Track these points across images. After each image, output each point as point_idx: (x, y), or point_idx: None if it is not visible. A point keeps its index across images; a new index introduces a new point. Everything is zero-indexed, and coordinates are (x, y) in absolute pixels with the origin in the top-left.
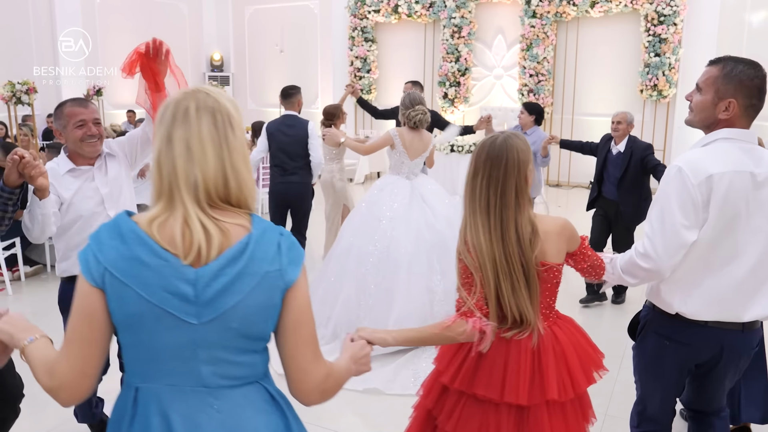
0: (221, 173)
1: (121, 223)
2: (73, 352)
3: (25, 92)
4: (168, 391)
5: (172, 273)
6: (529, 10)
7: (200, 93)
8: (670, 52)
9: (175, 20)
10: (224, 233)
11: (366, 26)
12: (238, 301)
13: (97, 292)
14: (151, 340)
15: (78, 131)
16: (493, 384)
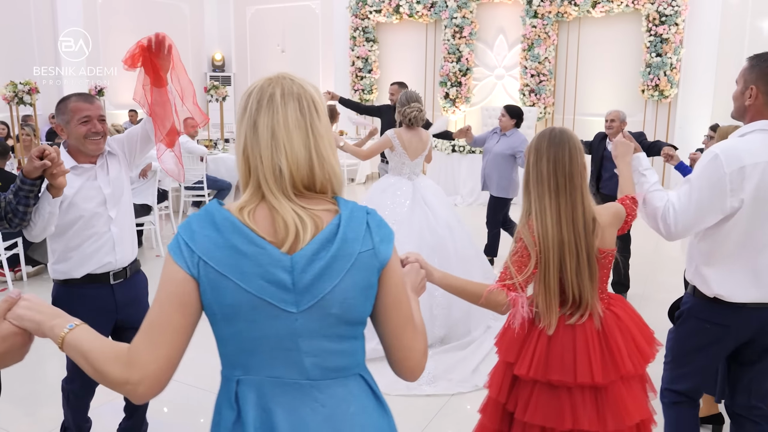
0: (307, 160)
1: (214, 212)
2: (160, 340)
3: (27, 92)
4: (270, 384)
5: (269, 261)
6: (530, 10)
7: (285, 80)
8: (672, 52)
9: (176, 20)
10: (315, 218)
11: (367, 26)
12: (335, 284)
13: (192, 281)
14: (250, 331)
15: (82, 127)
16: (566, 368)
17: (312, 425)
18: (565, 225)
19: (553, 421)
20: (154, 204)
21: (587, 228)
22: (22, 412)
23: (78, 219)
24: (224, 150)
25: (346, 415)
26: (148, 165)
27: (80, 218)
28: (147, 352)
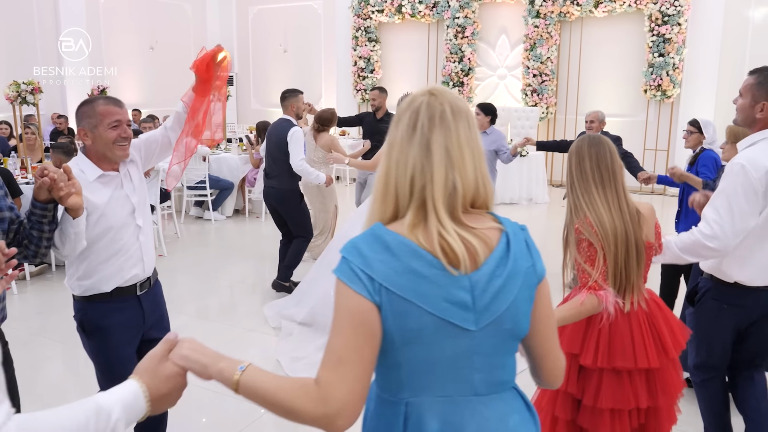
0: (475, 178)
1: (384, 235)
2: (351, 374)
3: (30, 92)
4: (440, 402)
5: (450, 282)
6: (532, 10)
7: (448, 94)
8: (674, 52)
9: (179, 20)
10: (484, 238)
11: (369, 26)
12: (510, 302)
13: (376, 309)
14: (428, 353)
15: (112, 132)
16: (626, 354)
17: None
18: (615, 213)
19: (621, 403)
20: (157, 204)
21: (633, 218)
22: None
23: (108, 231)
24: (227, 150)
25: (507, 427)
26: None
27: (111, 229)
28: (340, 386)
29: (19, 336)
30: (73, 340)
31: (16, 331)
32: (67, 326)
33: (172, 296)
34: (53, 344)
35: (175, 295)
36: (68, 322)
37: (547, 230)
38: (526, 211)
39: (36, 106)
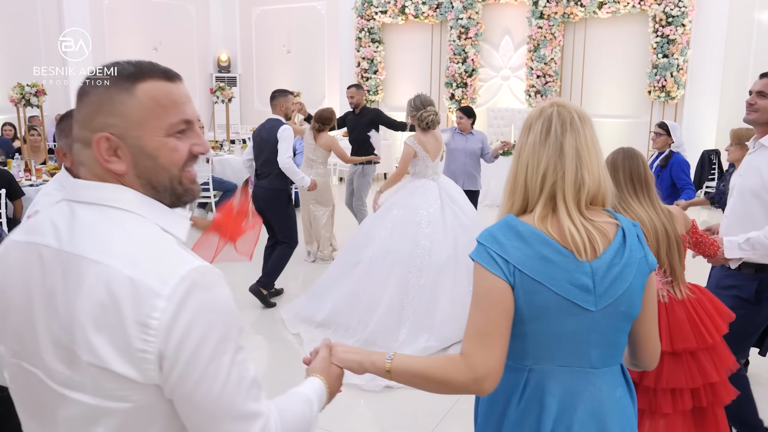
0: (598, 175)
1: (517, 225)
2: (493, 344)
3: (34, 94)
4: (559, 371)
5: (574, 268)
6: (536, 11)
7: (573, 105)
8: (679, 53)
9: (182, 21)
10: (602, 230)
11: (373, 27)
12: (626, 288)
13: (510, 288)
14: (552, 328)
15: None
16: (686, 336)
17: (590, 406)
18: (651, 213)
19: (682, 382)
20: None
21: (667, 216)
22: None
23: None
24: (230, 151)
25: (614, 398)
26: None
27: None
28: (485, 355)
29: None
30: None
31: None
32: None
33: None
34: None
35: None
36: None
37: None
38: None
39: (40, 108)
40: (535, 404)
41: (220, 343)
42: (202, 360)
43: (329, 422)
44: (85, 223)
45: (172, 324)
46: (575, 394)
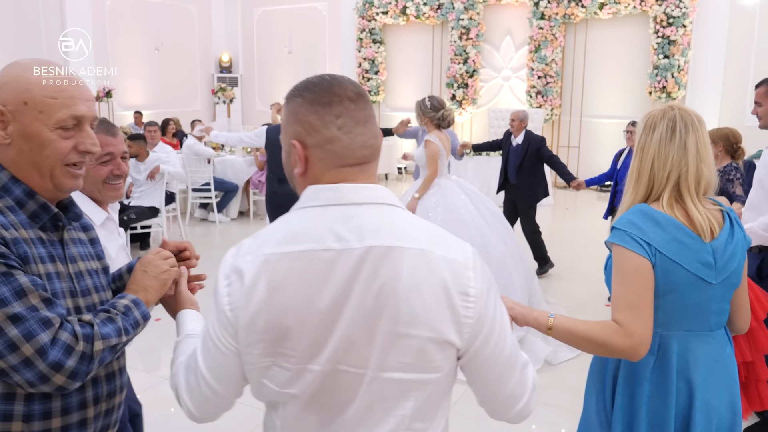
0: (711, 168)
1: (653, 213)
2: (645, 314)
3: None
4: (683, 335)
5: (700, 248)
6: (537, 11)
7: (689, 108)
8: (679, 54)
9: (184, 22)
10: (715, 216)
11: (374, 28)
12: (737, 263)
13: (651, 266)
14: (681, 300)
15: (103, 169)
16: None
17: (707, 362)
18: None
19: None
20: (162, 206)
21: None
22: None
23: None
24: (231, 152)
25: (725, 354)
26: (156, 167)
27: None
28: (639, 323)
29: None
30: None
31: None
32: None
33: None
34: None
35: None
36: None
37: (552, 232)
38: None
39: None
40: (665, 364)
41: (497, 301)
42: (497, 319)
43: None
44: (372, 220)
45: (481, 290)
46: (696, 353)
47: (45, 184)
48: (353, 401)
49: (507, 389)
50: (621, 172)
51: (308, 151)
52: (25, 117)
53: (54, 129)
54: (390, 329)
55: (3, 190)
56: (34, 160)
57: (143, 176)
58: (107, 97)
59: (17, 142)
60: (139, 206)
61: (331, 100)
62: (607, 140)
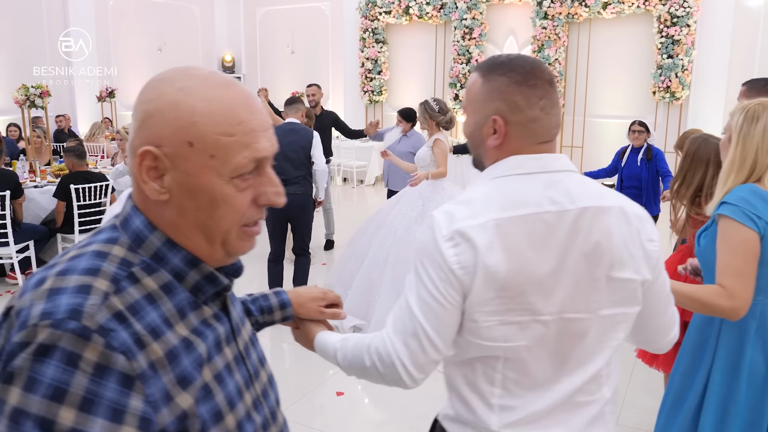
0: None
1: (761, 191)
2: (748, 281)
3: (38, 96)
4: None
5: None
6: (540, 11)
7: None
8: (683, 54)
9: (187, 22)
10: None
11: (377, 27)
12: None
13: (759, 238)
14: None
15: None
16: None
17: None
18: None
19: None
20: None
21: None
22: None
23: None
24: None
25: None
26: None
27: None
28: (743, 288)
29: None
30: None
31: None
32: None
33: None
34: None
35: None
36: None
37: None
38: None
39: (44, 109)
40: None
41: None
42: (660, 258)
43: (332, 427)
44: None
45: (656, 235)
46: None
47: (214, 252)
48: (579, 343)
49: (665, 319)
50: (625, 170)
51: (508, 127)
52: (190, 164)
53: (230, 179)
54: (606, 275)
55: (155, 259)
56: (201, 222)
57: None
58: (110, 97)
59: (178, 198)
60: None
61: (536, 82)
62: (611, 140)
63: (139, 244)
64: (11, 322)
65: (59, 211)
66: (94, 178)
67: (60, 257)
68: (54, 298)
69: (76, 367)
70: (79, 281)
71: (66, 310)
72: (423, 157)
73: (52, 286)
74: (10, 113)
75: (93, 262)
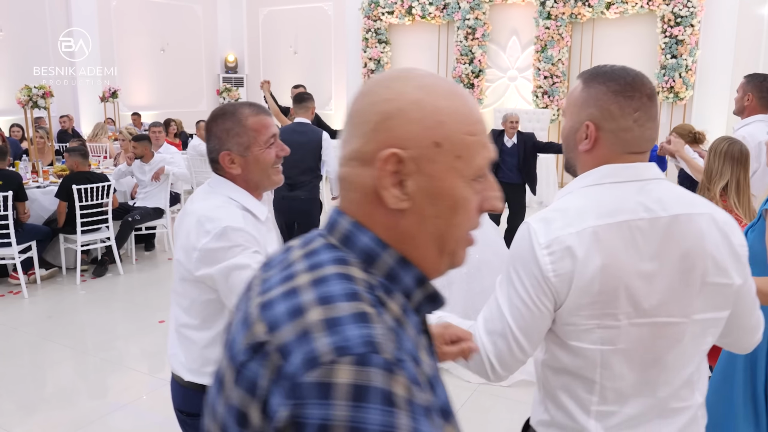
0: None
1: None
2: None
3: (41, 96)
4: None
5: None
6: (543, 11)
7: None
8: (687, 54)
9: (189, 22)
10: None
11: (380, 28)
12: None
13: None
14: None
15: (270, 152)
16: None
17: None
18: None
19: None
20: (167, 207)
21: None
22: (23, 414)
23: None
24: None
25: None
26: (161, 168)
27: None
28: None
29: (29, 340)
30: (81, 345)
31: (27, 335)
32: (77, 331)
33: None
34: (63, 348)
35: None
36: (77, 327)
37: None
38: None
39: (47, 110)
40: None
41: None
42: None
43: None
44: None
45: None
46: None
47: (441, 264)
48: (674, 347)
49: (753, 320)
50: None
51: (599, 134)
52: (435, 166)
53: (469, 182)
54: (701, 280)
55: (389, 278)
56: (438, 231)
57: (148, 177)
58: (113, 97)
59: (419, 205)
60: (144, 207)
61: (633, 94)
62: None
63: (370, 263)
64: (273, 361)
65: (61, 211)
66: (95, 179)
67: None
68: (337, 330)
69: (395, 407)
70: (352, 308)
71: (361, 342)
72: None
73: (324, 316)
74: (13, 113)
75: (347, 286)
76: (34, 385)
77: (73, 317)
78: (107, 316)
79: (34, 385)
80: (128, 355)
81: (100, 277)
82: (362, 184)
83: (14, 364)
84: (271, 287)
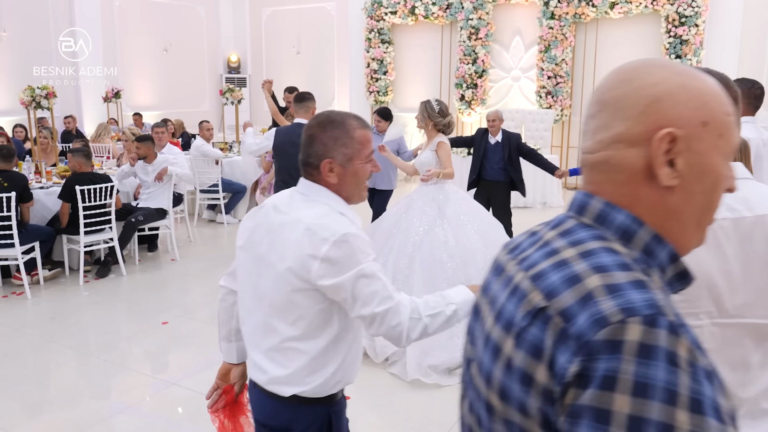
0: None
1: None
2: None
3: (44, 97)
4: None
5: None
6: (547, 11)
7: None
8: (692, 54)
9: (192, 22)
10: None
11: (383, 28)
12: None
13: None
14: None
15: (367, 167)
16: None
17: None
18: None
19: None
20: (170, 208)
21: None
22: (27, 415)
23: None
24: (239, 153)
25: None
26: (164, 169)
27: None
28: None
29: (32, 341)
30: (84, 347)
31: (30, 336)
32: (80, 332)
33: (184, 301)
34: (66, 350)
35: (188, 300)
36: (80, 328)
37: None
38: (540, 215)
39: (50, 110)
40: None
41: None
42: None
43: None
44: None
45: None
46: None
47: (693, 240)
48: (760, 347)
49: None
50: None
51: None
52: (702, 144)
53: (724, 159)
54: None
55: (647, 254)
56: (702, 207)
57: (151, 178)
58: (116, 97)
59: (688, 182)
60: (147, 208)
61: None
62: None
63: (628, 239)
64: (555, 323)
65: (63, 212)
66: (98, 180)
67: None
68: (620, 294)
69: (678, 367)
70: (628, 276)
71: (646, 305)
72: (428, 162)
73: (603, 282)
74: (15, 114)
75: (617, 258)
76: (37, 387)
77: (76, 318)
78: (110, 317)
79: (38, 387)
80: (131, 357)
81: (103, 278)
82: (630, 165)
83: (17, 365)
84: (536, 262)
